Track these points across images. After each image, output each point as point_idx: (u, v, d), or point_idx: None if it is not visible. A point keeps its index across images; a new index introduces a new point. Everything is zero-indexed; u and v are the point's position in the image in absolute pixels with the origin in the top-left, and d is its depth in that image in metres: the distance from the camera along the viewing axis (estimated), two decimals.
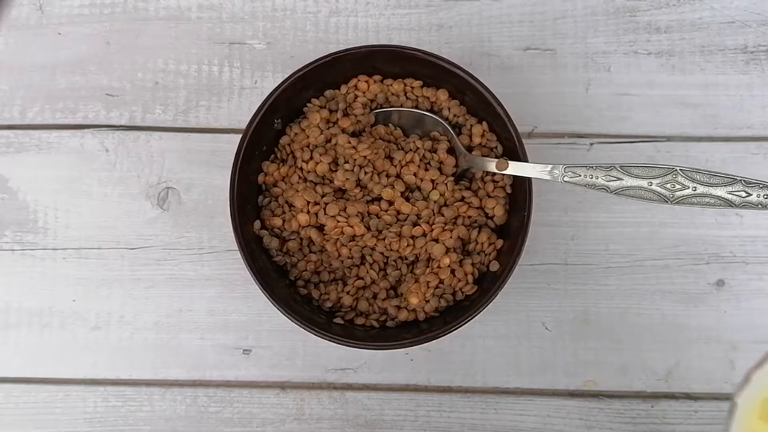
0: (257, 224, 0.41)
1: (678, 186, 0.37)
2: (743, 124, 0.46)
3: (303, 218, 0.40)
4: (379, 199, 0.41)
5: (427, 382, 0.44)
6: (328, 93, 0.43)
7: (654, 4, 0.47)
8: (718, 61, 0.46)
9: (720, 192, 0.37)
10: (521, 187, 0.40)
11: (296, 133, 0.42)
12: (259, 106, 0.40)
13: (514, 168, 0.39)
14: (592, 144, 0.46)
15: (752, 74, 0.46)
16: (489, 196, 0.41)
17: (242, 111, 0.46)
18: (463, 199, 0.41)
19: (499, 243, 0.41)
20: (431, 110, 0.43)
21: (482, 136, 0.42)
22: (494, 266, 0.40)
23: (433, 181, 0.41)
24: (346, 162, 0.41)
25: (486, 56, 0.47)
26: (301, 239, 0.41)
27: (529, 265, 0.44)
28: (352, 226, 0.40)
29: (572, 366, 0.44)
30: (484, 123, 0.42)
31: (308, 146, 0.41)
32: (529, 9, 0.47)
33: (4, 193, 0.46)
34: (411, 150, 0.41)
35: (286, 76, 0.40)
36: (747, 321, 0.44)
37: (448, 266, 0.39)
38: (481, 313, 0.38)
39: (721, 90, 0.46)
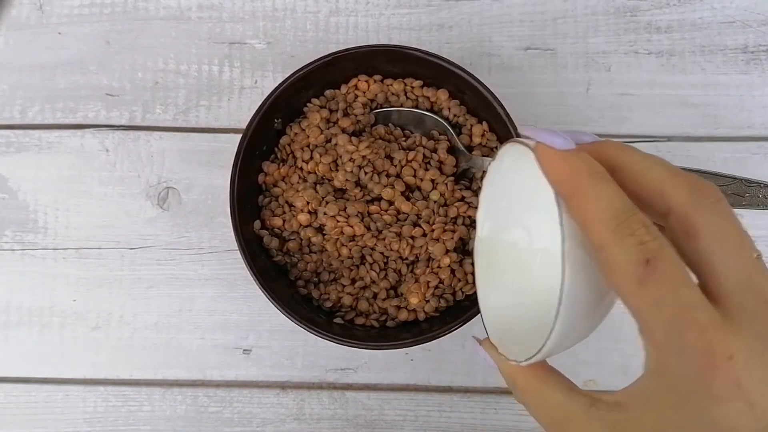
0: (257, 224, 0.41)
1: None
2: (744, 124, 0.46)
3: (303, 218, 0.40)
4: (379, 199, 0.41)
5: (427, 382, 0.44)
6: (328, 93, 0.43)
7: (654, 4, 0.47)
8: (719, 61, 0.46)
9: None
10: None
11: (296, 133, 0.42)
12: (259, 106, 0.40)
13: None
14: None
15: (752, 74, 0.46)
16: None
17: (242, 111, 0.46)
18: (463, 199, 0.41)
19: None
20: (431, 110, 0.43)
21: (482, 136, 0.42)
22: None
23: (433, 181, 0.41)
24: (347, 162, 0.40)
25: (486, 56, 0.47)
26: (301, 239, 0.41)
27: None
28: (352, 226, 0.39)
29: (573, 365, 0.44)
30: (484, 123, 0.42)
31: (308, 146, 0.41)
32: (530, 9, 0.47)
33: (4, 193, 0.46)
34: (411, 150, 0.41)
35: (286, 76, 0.40)
36: None
37: (448, 266, 0.39)
38: None
39: (721, 90, 0.46)
